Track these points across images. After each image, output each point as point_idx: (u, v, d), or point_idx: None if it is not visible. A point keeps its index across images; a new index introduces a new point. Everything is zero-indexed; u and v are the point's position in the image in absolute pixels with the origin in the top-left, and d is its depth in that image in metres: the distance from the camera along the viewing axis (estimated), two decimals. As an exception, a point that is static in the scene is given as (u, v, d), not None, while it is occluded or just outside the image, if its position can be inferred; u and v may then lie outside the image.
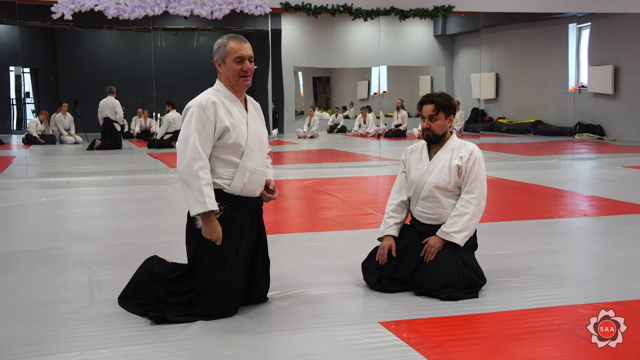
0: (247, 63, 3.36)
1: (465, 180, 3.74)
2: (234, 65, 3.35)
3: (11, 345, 2.97)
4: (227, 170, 3.35)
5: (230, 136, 3.31)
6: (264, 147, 3.50)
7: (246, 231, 3.39)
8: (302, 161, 11.71)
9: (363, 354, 2.85)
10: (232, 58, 3.35)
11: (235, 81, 3.38)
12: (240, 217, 3.37)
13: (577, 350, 2.88)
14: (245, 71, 3.36)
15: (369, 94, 18.21)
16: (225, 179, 3.35)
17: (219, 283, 3.27)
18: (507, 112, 17.36)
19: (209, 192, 3.21)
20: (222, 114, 3.31)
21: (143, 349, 2.93)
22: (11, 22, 12.63)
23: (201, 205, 3.19)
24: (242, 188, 3.37)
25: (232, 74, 3.37)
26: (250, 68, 3.37)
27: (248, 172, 3.37)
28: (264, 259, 3.55)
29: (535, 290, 3.72)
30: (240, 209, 3.38)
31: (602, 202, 6.89)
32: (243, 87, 3.41)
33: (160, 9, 9.89)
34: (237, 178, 3.35)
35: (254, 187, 3.42)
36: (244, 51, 3.35)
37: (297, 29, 16.12)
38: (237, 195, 3.37)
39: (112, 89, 13.45)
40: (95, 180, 8.99)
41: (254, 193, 3.44)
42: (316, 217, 6.24)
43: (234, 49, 3.35)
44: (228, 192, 3.35)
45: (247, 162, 3.37)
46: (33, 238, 5.35)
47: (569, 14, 14.12)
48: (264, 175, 3.49)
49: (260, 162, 3.45)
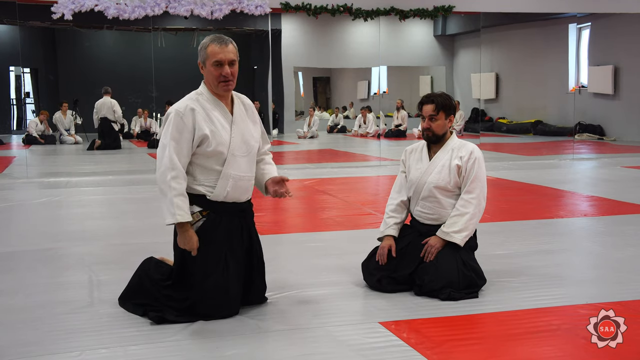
0: (226, 67, 3.21)
1: (465, 180, 3.74)
2: (213, 69, 3.22)
3: (11, 345, 2.97)
4: (208, 178, 3.28)
5: (210, 144, 3.21)
6: (251, 151, 3.37)
7: (235, 236, 3.33)
8: (302, 161, 11.70)
9: (363, 354, 2.85)
10: (211, 62, 3.21)
11: (214, 86, 3.26)
12: (225, 222, 3.30)
13: (577, 350, 2.88)
14: (224, 76, 3.21)
15: (369, 94, 18.21)
16: (208, 186, 3.28)
17: (213, 291, 3.23)
18: (507, 112, 17.36)
19: (180, 204, 3.14)
20: (200, 121, 3.21)
21: (143, 349, 2.93)
22: (11, 22, 12.63)
23: (172, 216, 3.14)
24: (225, 196, 3.29)
25: (211, 78, 3.24)
26: (229, 73, 3.22)
27: (231, 179, 3.28)
28: (260, 262, 3.49)
29: (535, 290, 3.72)
30: (224, 214, 3.31)
31: (602, 202, 6.89)
32: (223, 92, 3.28)
33: (160, 9, 9.90)
34: (219, 186, 3.27)
35: (239, 193, 3.33)
36: (222, 55, 3.20)
37: (297, 29, 16.11)
38: (222, 202, 3.30)
39: (107, 89, 13.46)
40: (95, 180, 8.99)
41: (239, 199, 3.35)
42: (316, 217, 6.24)
43: (213, 53, 3.21)
44: (211, 199, 3.28)
45: (230, 170, 3.27)
46: (33, 238, 5.35)
47: (569, 14, 14.12)
48: (250, 180, 3.40)
49: (245, 168, 3.34)
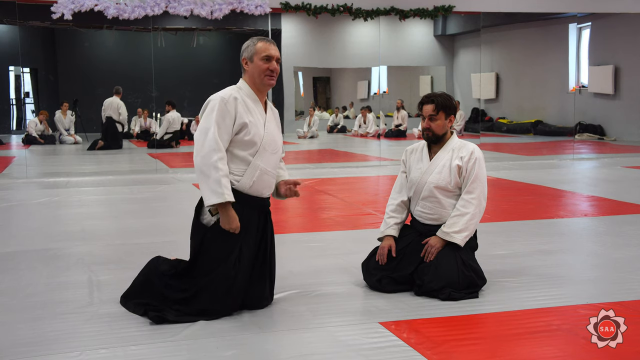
0: (273, 63, 3.43)
1: (466, 180, 3.74)
2: (261, 63, 3.42)
3: (11, 345, 2.96)
4: (238, 167, 3.38)
5: (248, 132, 3.35)
6: (278, 150, 3.53)
7: (251, 230, 3.40)
8: (302, 161, 11.71)
9: (363, 354, 2.85)
10: (260, 56, 3.42)
11: (260, 79, 3.44)
12: (246, 215, 3.38)
13: (577, 350, 2.88)
14: (271, 70, 3.43)
15: (369, 94, 18.21)
16: (236, 174, 3.38)
17: (220, 280, 3.28)
18: (507, 112, 17.36)
19: (227, 184, 3.25)
20: (242, 110, 3.37)
21: (143, 349, 2.93)
22: (11, 22, 12.63)
23: (218, 196, 3.21)
24: (251, 186, 3.39)
25: (258, 72, 3.42)
26: (276, 68, 3.44)
27: (259, 170, 3.40)
28: (264, 264, 3.48)
29: (535, 290, 3.72)
30: (246, 207, 3.39)
31: (602, 202, 6.89)
32: (267, 86, 3.46)
33: (160, 9, 9.90)
34: (247, 175, 3.38)
35: (262, 187, 3.44)
36: (272, 51, 3.43)
37: (297, 29, 16.11)
38: (245, 194, 3.38)
39: (118, 90, 13.47)
40: (95, 180, 8.98)
41: (261, 193, 3.46)
42: (316, 217, 6.24)
43: (262, 48, 3.42)
44: (236, 188, 3.36)
45: (259, 162, 3.40)
46: (33, 238, 5.35)
47: (569, 14, 14.13)
48: (273, 177, 3.51)
49: (273, 164, 3.48)
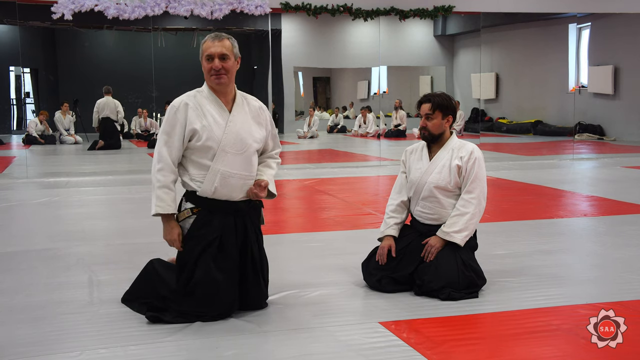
0: (216, 61, 3.25)
1: (465, 180, 3.74)
2: (205, 63, 3.30)
3: (11, 345, 2.96)
4: (199, 172, 3.31)
5: (199, 138, 3.26)
6: (247, 150, 3.34)
7: (228, 234, 3.30)
8: (302, 161, 11.70)
9: (363, 354, 2.85)
10: (203, 56, 3.31)
11: (209, 80, 3.33)
12: (218, 220, 3.30)
13: (577, 350, 2.88)
14: (214, 69, 3.26)
15: (369, 94, 18.21)
16: (197, 181, 3.31)
17: (202, 284, 3.23)
18: (507, 112, 17.36)
19: (162, 196, 3.26)
20: (192, 116, 3.27)
21: (143, 349, 2.93)
22: (11, 22, 12.64)
23: (153, 207, 3.29)
24: (214, 191, 3.29)
25: (205, 73, 3.32)
26: (218, 66, 3.25)
27: (219, 175, 3.27)
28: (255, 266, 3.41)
29: (535, 290, 3.72)
30: (217, 212, 3.31)
31: (602, 202, 6.89)
32: (216, 85, 3.31)
33: (160, 9, 9.90)
34: (207, 181, 3.29)
35: (230, 190, 3.31)
36: (213, 49, 3.26)
37: (297, 29, 16.11)
38: (213, 199, 3.30)
39: (109, 89, 13.45)
40: (95, 180, 8.98)
41: (231, 197, 3.32)
42: (316, 217, 6.24)
43: (204, 47, 3.30)
44: (200, 194, 3.30)
45: (219, 165, 3.27)
46: (33, 238, 5.35)
47: (569, 14, 14.13)
48: (245, 179, 3.36)
49: (239, 166, 3.31)
